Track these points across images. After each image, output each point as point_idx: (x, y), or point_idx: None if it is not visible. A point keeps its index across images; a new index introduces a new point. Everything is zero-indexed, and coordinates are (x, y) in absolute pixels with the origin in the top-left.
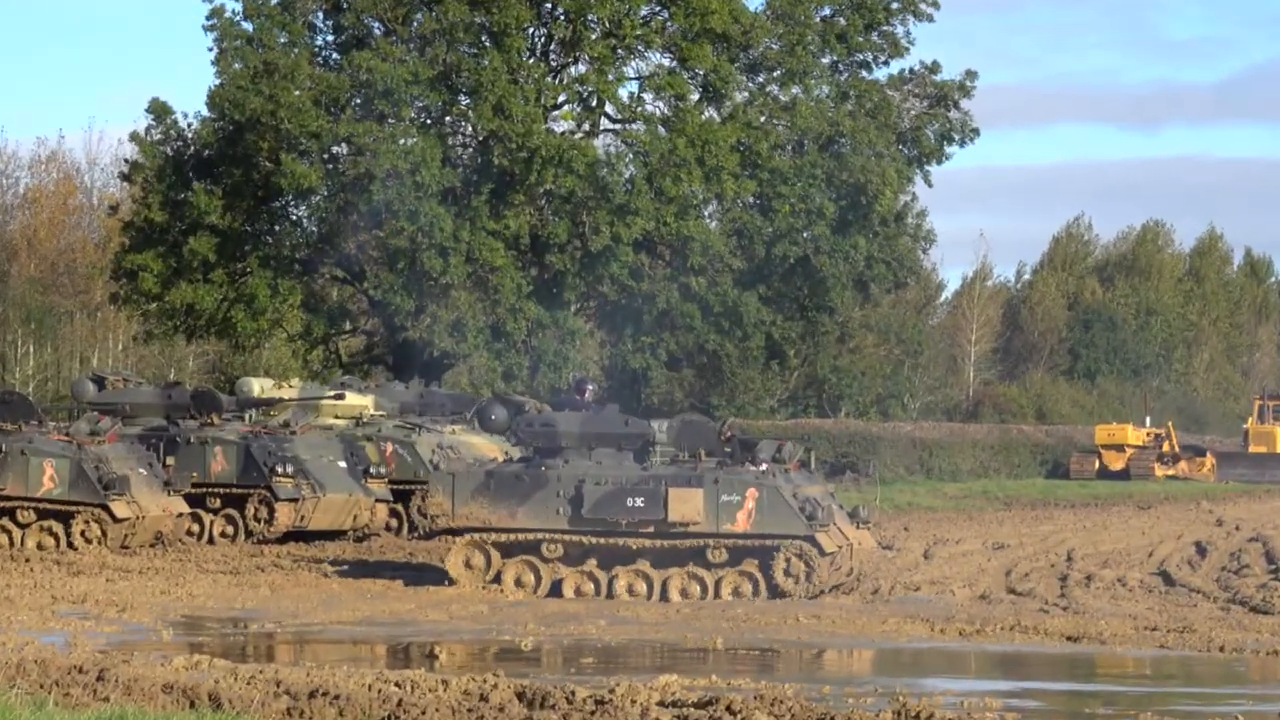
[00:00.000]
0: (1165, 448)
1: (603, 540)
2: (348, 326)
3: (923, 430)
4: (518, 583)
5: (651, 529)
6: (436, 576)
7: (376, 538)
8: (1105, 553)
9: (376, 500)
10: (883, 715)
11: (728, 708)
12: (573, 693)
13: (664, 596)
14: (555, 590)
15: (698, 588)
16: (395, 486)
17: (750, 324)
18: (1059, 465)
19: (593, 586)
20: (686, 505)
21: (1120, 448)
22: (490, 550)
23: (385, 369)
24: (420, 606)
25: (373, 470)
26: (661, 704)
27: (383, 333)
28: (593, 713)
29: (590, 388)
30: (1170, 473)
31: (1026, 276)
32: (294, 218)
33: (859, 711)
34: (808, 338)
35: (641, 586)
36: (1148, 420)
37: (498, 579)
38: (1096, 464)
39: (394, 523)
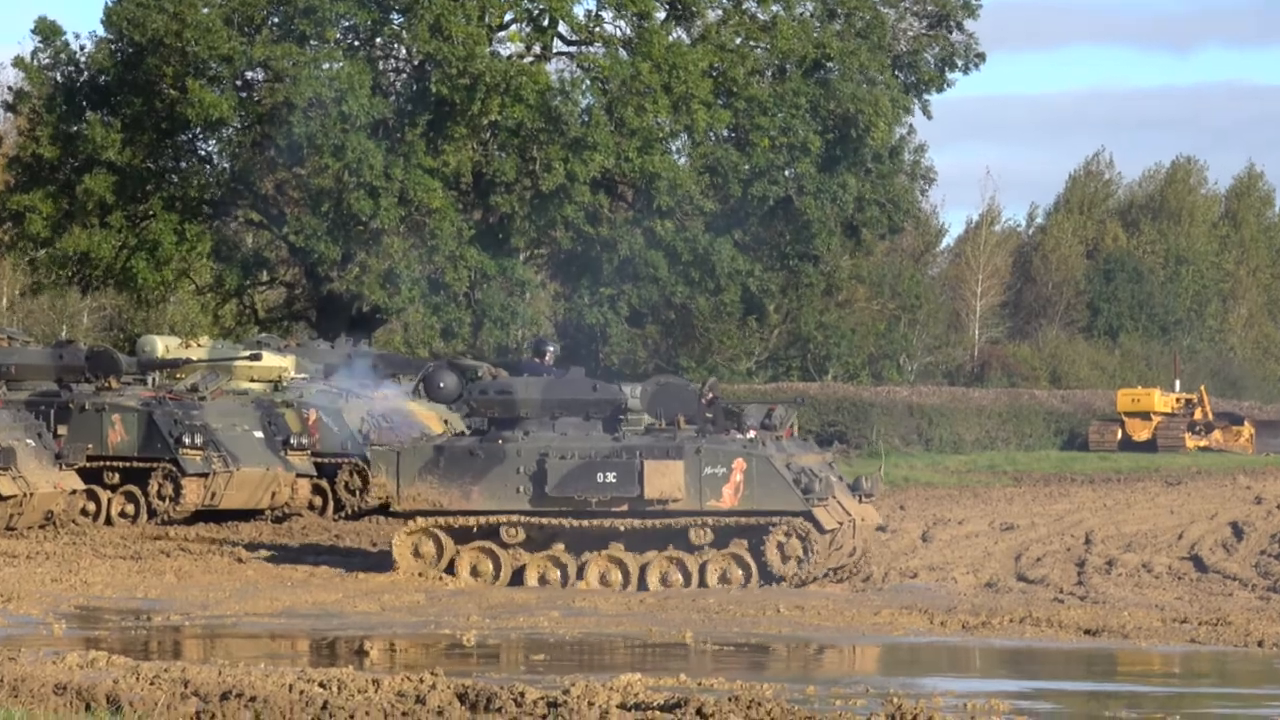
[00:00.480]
0: (1197, 415)
1: (570, 522)
2: (265, 277)
3: (921, 395)
4: (474, 572)
5: (625, 508)
6: (366, 562)
7: (298, 518)
8: (1128, 534)
9: (298, 475)
10: (874, 718)
11: (698, 710)
12: (522, 694)
13: (642, 584)
14: (517, 579)
15: (679, 574)
16: (319, 460)
17: (724, 274)
18: (1076, 435)
19: (559, 574)
20: (665, 480)
21: (1146, 415)
22: (441, 536)
23: (308, 326)
24: (348, 596)
25: (293, 441)
26: (623, 706)
27: (305, 284)
28: (544, 716)
29: (551, 349)
30: (1202, 443)
31: (1039, 220)
32: (203, 153)
33: (847, 714)
34: (790, 290)
35: (616, 574)
36: (1177, 384)
37: (451, 568)
38: (1119, 434)
39: (318, 501)
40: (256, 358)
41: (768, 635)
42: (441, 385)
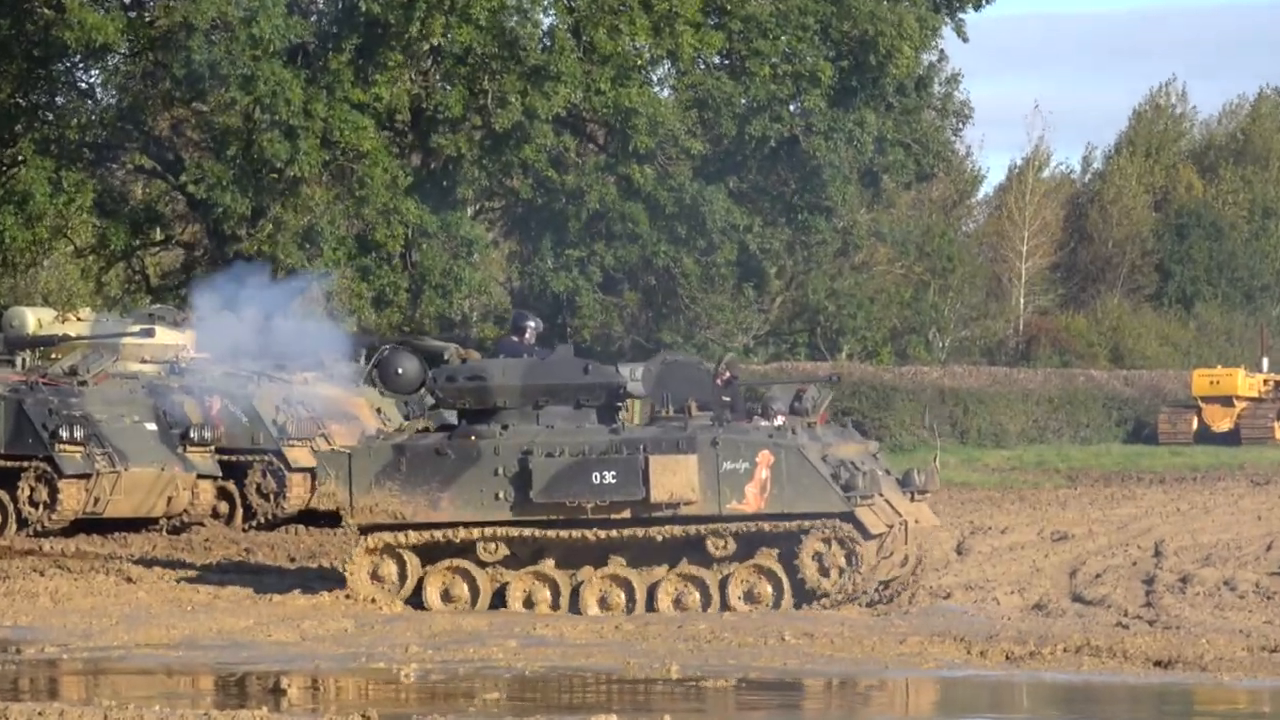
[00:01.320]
0: None
1: (561, 534)
2: (159, 236)
3: (955, 378)
4: (445, 596)
5: (628, 514)
6: (283, 581)
7: (200, 528)
8: (1207, 545)
9: (199, 476)
10: None
11: None
12: None
13: (650, 607)
14: (499, 603)
15: (696, 593)
16: (225, 457)
17: (716, 231)
18: (1143, 425)
19: (549, 596)
20: (675, 479)
21: (1227, 401)
22: (405, 554)
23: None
24: (261, 622)
25: (194, 435)
26: None
27: (207, 244)
28: None
29: (531, 325)
30: None
31: (1097, 166)
32: (83, 86)
33: None
34: (796, 250)
35: (618, 595)
36: (1265, 363)
37: (419, 594)
38: (1194, 423)
39: (223, 507)
40: (149, 334)
41: (769, 669)
42: (399, 372)
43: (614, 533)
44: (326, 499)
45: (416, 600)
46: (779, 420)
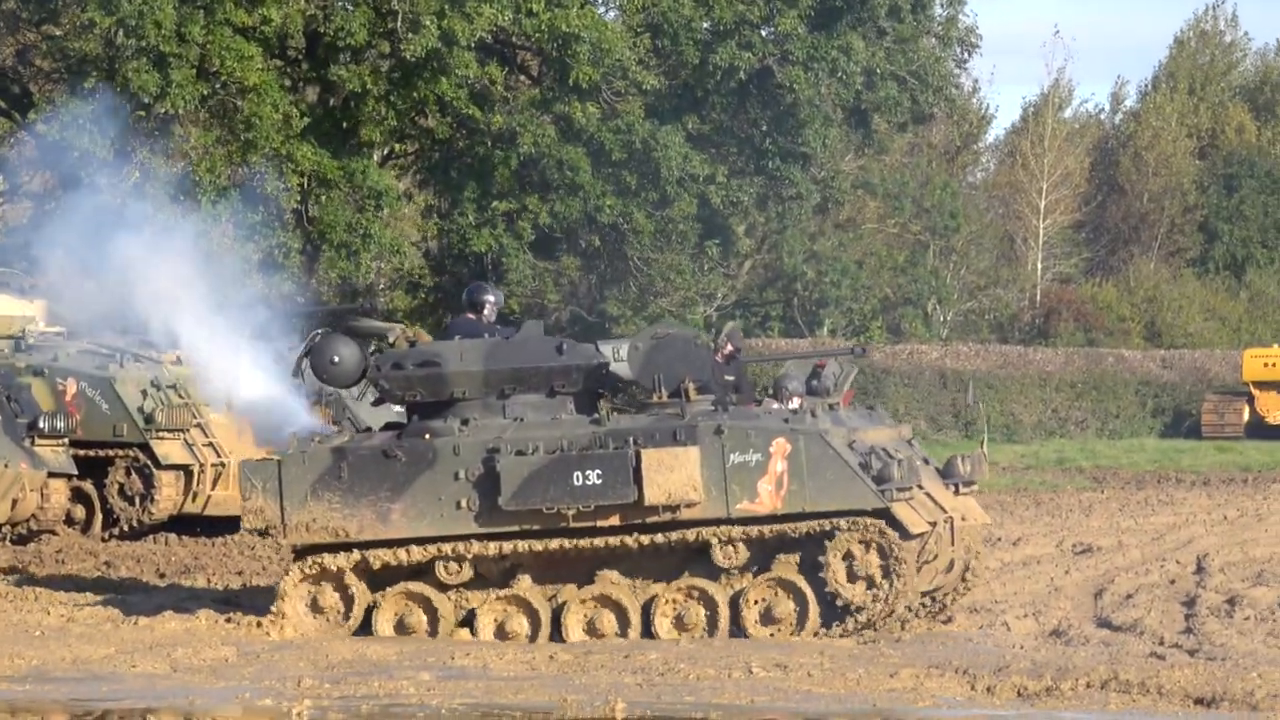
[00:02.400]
0: None
1: (537, 546)
2: (2, 185)
3: (959, 358)
4: (400, 627)
5: (617, 520)
6: (151, 601)
7: (51, 536)
8: (1259, 560)
9: (50, 474)
10: None
11: None
12: None
13: (647, 630)
14: (467, 629)
15: (702, 612)
16: (83, 452)
17: (672, 181)
18: (1184, 415)
19: (527, 622)
20: (673, 476)
21: None
22: (351, 579)
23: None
24: (125, 651)
25: (44, 424)
26: None
27: (62, 196)
28: None
29: (491, 299)
30: None
31: (1130, 104)
32: None
33: None
34: (769, 204)
35: (607, 618)
36: None
37: (368, 624)
38: (1246, 413)
39: (79, 511)
40: None
41: (734, 707)
42: (335, 360)
43: (601, 543)
44: (253, 516)
45: (365, 633)
46: (794, 402)
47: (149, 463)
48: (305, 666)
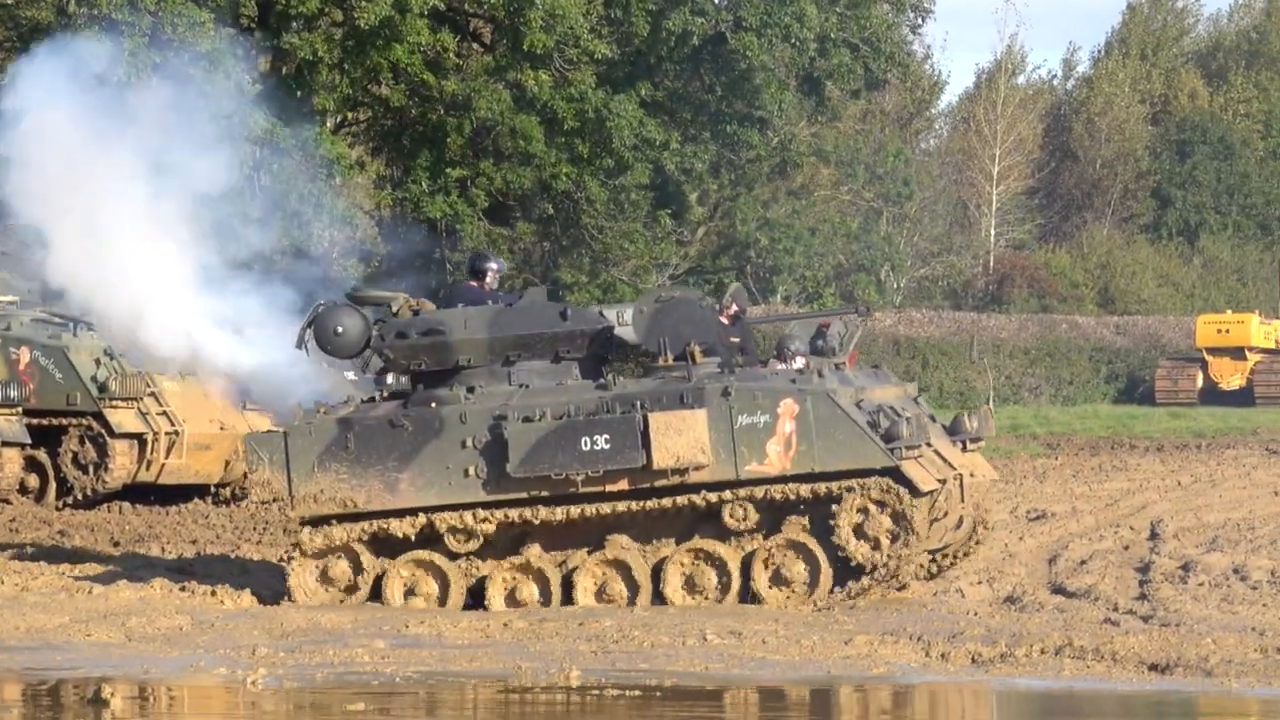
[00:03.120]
0: None
1: (546, 513)
2: None
3: (912, 325)
4: (409, 596)
5: (625, 484)
6: (105, 569)
7: (5, 505)
8: (1213, 526)
9: (3, 443)
10: None
11: None
12: None
13: (658, 596)
14: (478, 601)
15: (713, 575)
16: (36, 421)
17: (626, 148)
18: (1137, 382)
19: (536, 590)
20: (681, 439)
21: (1238, 353)
22: (359, 549)
23: (16, 226)
24: (79, 620)
25: None
26: None
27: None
28: None
29: (494, 267)
30: None
31: (1083, 69)
32: None
33: None
34: (722, 171)
35: (618, 583)
36: None
37: (377, 593)
38: (1199, 379)
39: (33, 480)
40: None
41: (688, 675)
42: (339, 331)
43: (610, 509)
44: (261, 488)
45: (374, 603)
46: (799, 363)
47: (103, 431)
48: (259, 635)
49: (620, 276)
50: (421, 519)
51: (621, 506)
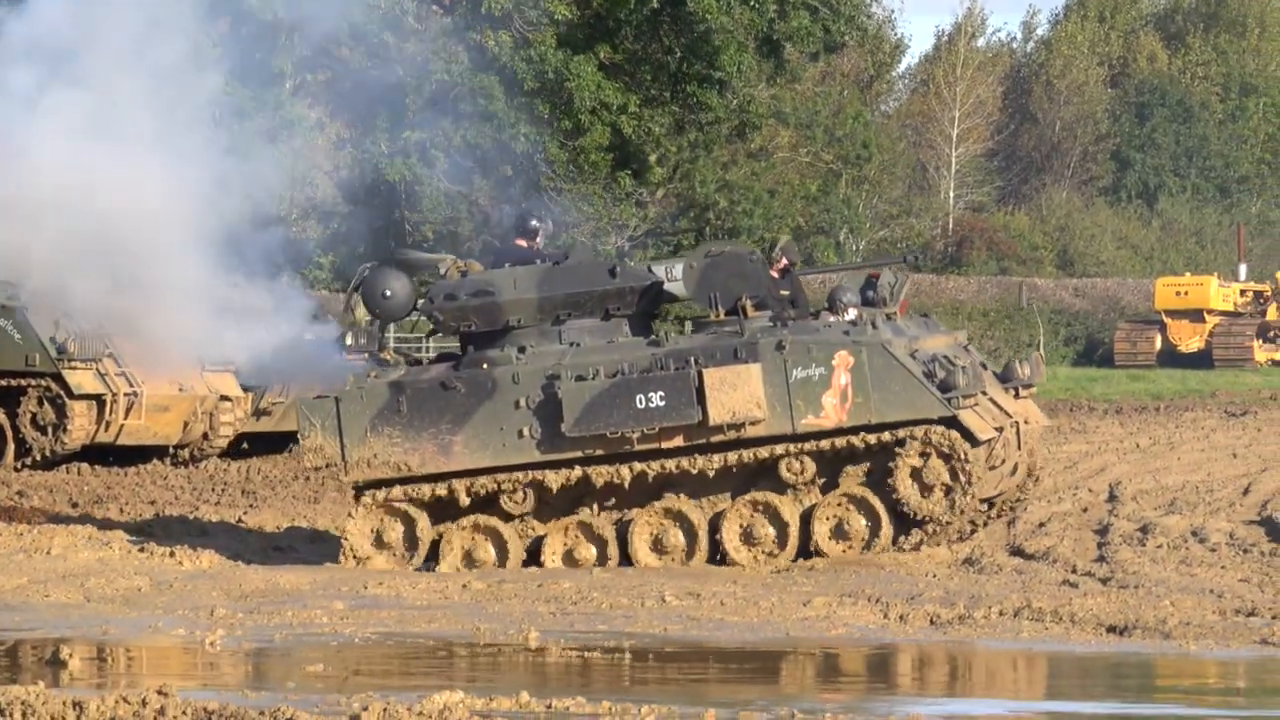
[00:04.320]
0: (1271, 315)
1: (603, 473)
2: None
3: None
4: (468, 561)
5: (681, 440)
6: (64, 530)
7: None
8: (1171, 488)
9: None
10: None
11: None
12: None
13: (716, 552)
14: (534, 559)
15: (770, 528)
16: None
17: (586, 110)
18: (1096, 344)
19: (593, 550)
20: (736, 394)
21: (1197, 315)
22: (414, 513)
23: None
24: (37, 580)
25: None
26: None
27: None
28: None
29: (540, 225)
30: (1279, 356)
31: (1042, 32)
32: None
33: None
34: (681, 133)
35: (675, 535)
36: (1242, 270)
37: (435, 556)
38: (1158, 342)
39: None
40: None
41: (647, 635)
42: (387, 294)
43: (666, 465)
44: (313, 454)
45: (427, 567)
46: (850, 314)
47: (61, 392)
48: (218, 596)
49: (579, 238)
50: (477, 481)
51: (677, 464)
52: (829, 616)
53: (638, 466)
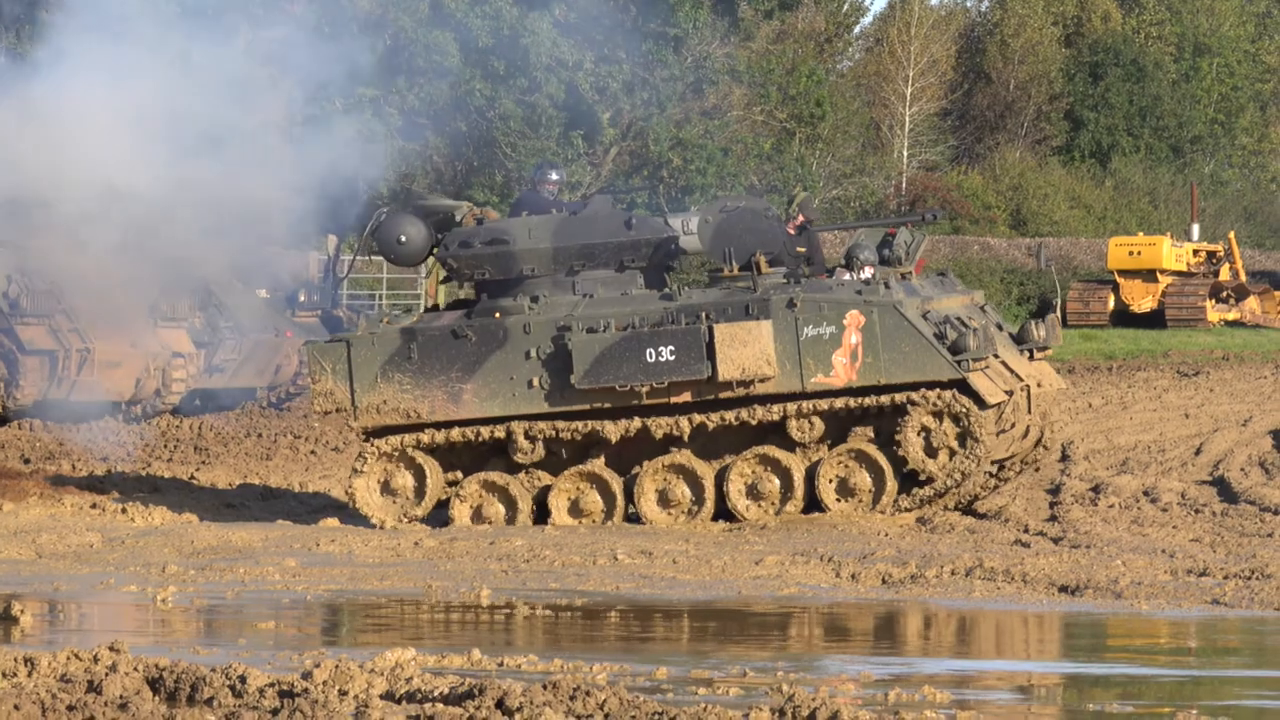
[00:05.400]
0: (1224, 275)
1: (610, 426)
2: None
3: (826, 245)
4: (477, 515)
5: (689, 396)
6: (16, 486)
7: None
8: (1123, 448)
9: None
10: (756, 714)
11: (499, 702)
12: (242, 678)
13: (722, 509)
14: (543, 515)
15: (776, 482)
16: None
17: (541, 66)
18: (1049, 304)
19: (601, 502)
20: (746, 351)
21: (1150, 275)
22: (423, 462)
23: None
24: None
25: None
26: (390, 696)
27: None
28: (275, 711)
29: (555, 176)
30: (1231, 316)
31: None
32: None
33: (714, 708)
34: (636, 90)
35: (681, 489)
36: (1195, 230)
37: (445, 510)
38: (1111, 301)
39: None
40: None
41: (599, 594)
42: (402, 239)
43: (675, 421)
44: (323, 399)
45: (439, 517)
46: (867, 272)
47: (14, 349)
48: (170, 553)
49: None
50: (484, 430)
51: (685, 421)
52: (781, 575)
53: (645, 422)
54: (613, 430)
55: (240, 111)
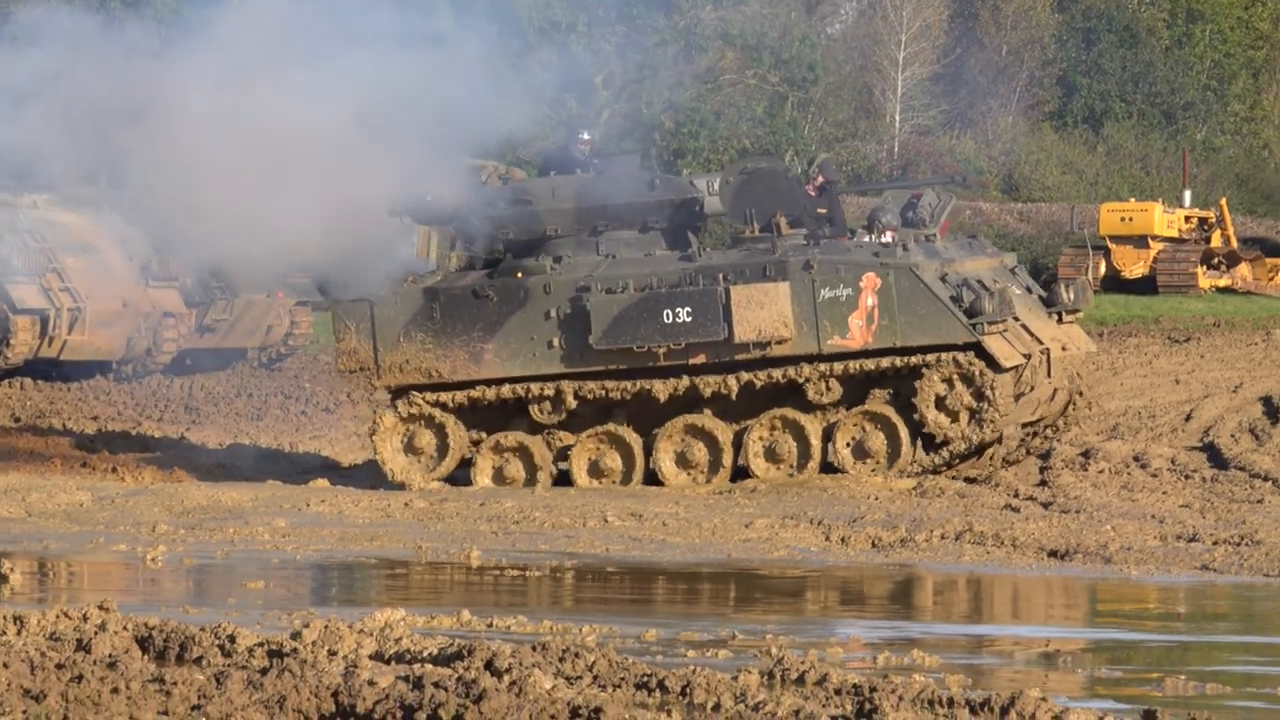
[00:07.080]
0: (1215, 241)
1: (628, 385)
2: None
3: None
4: (499, 476)
5: (706, 357)
6: (5, 444)
7: None
8: (1114, 414)
9: None
10: (745, 676)
11: (488, 663)
12: (232, 638)
13: (739, 469)
14: (563, 476)
15: (792, 444)
16: None
17: (533, 29)
18: (1040, 269)
19: (620, 462)
20: (763, 312)
21: (1141, 241)
22: (445, 421)
23: None
24: None
25: None
26: (379, 657)
27: None
28: (265, 670)
29: (586, 136)
30: (1223, 282)
31: None
32: None
33: (704, 670)
34: (626, 54)
35: (699, 451)
36: (1187, 196)
37: (467, 468)
38: (1102, 267)
39: None
40: None
41: (589, 555)
42: (429, 198)
43: (692, 381)
44: (347, 357)
45: (461, 476)
46: (889, 235)
47: (5, 307)
48: (160, 512)
49: (521, 159)
50: (506, 389)
51: (709, 382)
52: (770, 538)
53: (664, 382)
54: (629, 392)
55: None
